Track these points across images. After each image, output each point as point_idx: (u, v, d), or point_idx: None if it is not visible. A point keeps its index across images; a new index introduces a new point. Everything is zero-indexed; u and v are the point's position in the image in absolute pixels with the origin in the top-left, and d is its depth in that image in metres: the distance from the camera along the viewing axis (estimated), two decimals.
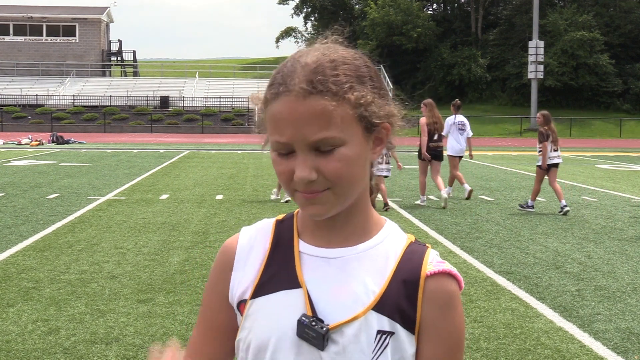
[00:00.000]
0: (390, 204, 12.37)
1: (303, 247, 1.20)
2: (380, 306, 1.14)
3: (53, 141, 32.14)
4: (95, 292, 6.26)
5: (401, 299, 1.14)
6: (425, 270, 1.16)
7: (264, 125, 1.15)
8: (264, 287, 1.19)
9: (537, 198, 13.36)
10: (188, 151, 26.47)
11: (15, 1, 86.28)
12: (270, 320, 1.16)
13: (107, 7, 63.23)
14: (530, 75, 50.43)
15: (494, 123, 50.86)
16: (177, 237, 8.95)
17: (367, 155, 1.15)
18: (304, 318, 1.13)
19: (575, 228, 10.08)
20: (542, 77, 51.23)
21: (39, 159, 21.98)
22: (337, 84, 1.10)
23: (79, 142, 32.73)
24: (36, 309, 5.73)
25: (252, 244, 1.24)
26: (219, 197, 13.03)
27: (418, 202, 12.65)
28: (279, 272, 1.19)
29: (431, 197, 13.49)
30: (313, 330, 1.12)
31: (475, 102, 59.15)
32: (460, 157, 13.43)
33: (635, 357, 4.86)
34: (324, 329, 1.12)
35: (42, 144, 30.72)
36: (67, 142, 32.35)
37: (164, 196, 13.01)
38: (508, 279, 6.95)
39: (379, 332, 1.13)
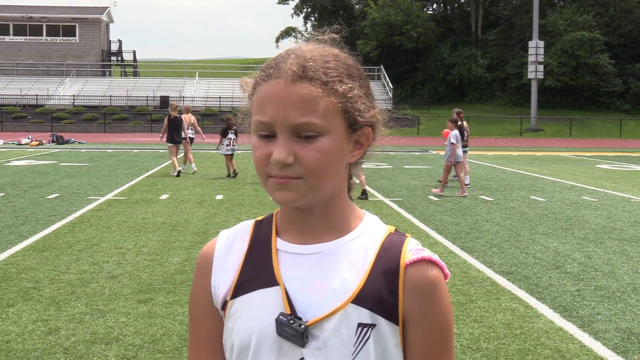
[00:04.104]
0: (390, 203, 12.39)
1: (281, 245, 1.20)
2: (360, 299, 1.13)
3: (53, 141, 32.14)
4: (95, 292, 6.27)
5: (382, 291, 1.14)
6: (404, 259, 1.15)
7: (250, 109, 1.17)
8: (242, 286, 1.19)
9: (537, 198, 13.33)
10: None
11: (15, 1, 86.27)
12: (250, 320, 1.17)
13: (107, 7, 63.22)
14: (530, 75, 50.41)
15: (494, 123, 50.84)
16: (177, 237, 8.95)
17: (345, 154, 1.15)
18: (281, 317, 1.13)
19: (575, 228, 10.08)
20: (542, 77, 51.20)
21: (39, 159, 21.98)
22: (328, 74, 1.12)
23: (79, 142, 32.73)
24: (36, 309, 5.74)
25: (230, 245, 1.24)
26: (219, 197, 13.03)
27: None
28: (257, 271, 1.19)
29: (431, 197, 13.50)
30: (291, 329, 1.12)
31: (475, 102, 59.16)
32: None
33: (635, 357, 4.86)
34: (302, 326, 1.12)
35: (42, 144, 30.72)
36: (67, 142, 32.36)
37: (164, 196, 13.01)
38: (508, 279, 6.95)
39: (359, 325, 1.13)
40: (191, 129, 18.49)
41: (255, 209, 11.51)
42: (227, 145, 16.54)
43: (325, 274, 1.16)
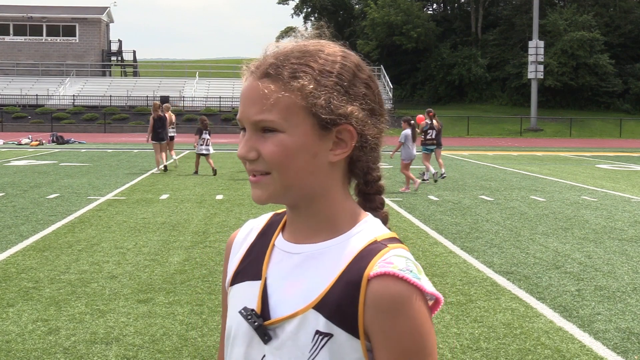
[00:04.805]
0: (390, 203, 12.41)
1: (278, 241, 1.22)
2: (321, 306, 1.10)
3: (53, 141, 32.14)
4: (95, 292, 6.27)
5: (342, 301, 1.09)
6: (369, 271, 1.09)
7: None
8: (238, 276, 1.23)
9: (537, 198, 13.33)
10: (188, 151, 26.45)
11: (15, 1, 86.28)
12: (234, 309, 1.20)
13: (107, 7, 63.22)
14: (530, 75, 50.42)
15: (494, 123, 50.84)
16: (177, 237, 8.95)
17: (317, 151, 1.12)
18: (242, 310, 1.16)
19: (575, 228, 10.08)
20: (542, 77, 51.21)
21: (39, 159, 21.98)
22: (291, 71, 1.11)
23: (79, 142, 32.73)
24: (36, 309, 5.73)
25: (247, 235, 1.28)
26: (219, 197, 13.03)
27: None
28: (251, 263, 1.22)
29: (431, 197, 13.50)
30: (249, 323, 1.14)
31: (475, 102, 59.14)
32: None
33: (635, 357, 4.86)
34: (256, 323, 1.13)
35: (42, 144, 30.72)
36: (67, 142, 32.35)
37: (164, 196, 13.01)
38: (508, 279, 6.95)
39: (317, 332, 1.10)
40: (172, 128, 19.39)
41: (255, 209, 11.50)
42: (202, 144, 17.48)
43: (302, 275, 1.15)
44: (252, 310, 1.15)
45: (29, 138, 32.20)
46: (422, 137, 16.42)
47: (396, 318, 1.07)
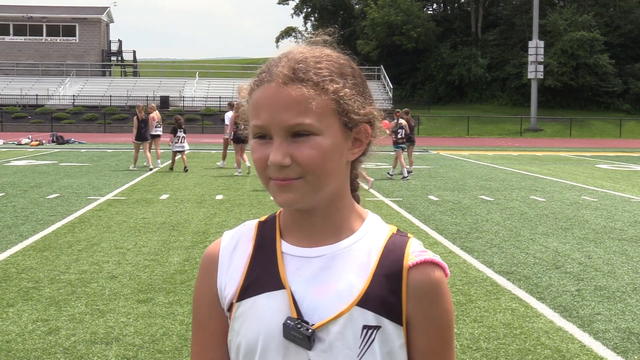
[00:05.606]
0: (390, 203, 12.41)
1: (285, 248, 1.21)
2: (365, 301, 1.15)
3: (53, 141, 32.14)
4: (95, 292, 6.27)
5: (385, 293, 1.15)
6: (407, 261, 1.17)
7: (247, 114, 1.18)
8: (248, 289, 1.20)
9: (537, 198, 13.34)
10: (188, 151, 26.44)
11: (15, 1, 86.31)
12: (256, 323, 1.17)
13: (107, 7, 63.21)
14: (530, 75, 50.42)
15: (494, 123, 50.83)
16: (177, 237, 8.95)
17: (343, 152, 1.16)
18: (289, 321, 1.14)
19: (575, 228, 10.08)
20: (542, 77, 51.21)
21: (39, 159, 21.98)
22: (319, 74, 1.13)
23: (79, 142, 32.73)
24: (36, 309, 5.74)
25: (235, 246, 1.25)
26: (219, 197, 13.03)
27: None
28: (263, 274, 1.20)
29: (431, 197, 13.50)
30: (299, 332, 1.13)
31: (475, 102, 59.14)
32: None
33: (635, 357, 4.86)
34: (310, 330, 1.13)
35: (42, 144, 30.72)
36: (67, 142, 32.36)
37: (164, 196, 13.01)
38: (508, 279, 6.96)
39: (364, 327, 1.14)
40: (159, 127, 20.18)
41: (255, 209, 11.51)
42: (176, 142, 18.45)
43: (331, 277, 1.17)
44: (298, 319, 1.14)
45: (29, 138, 32.20)
46: (393, 136, 17.27)
47: (436, 300, 1.18)
